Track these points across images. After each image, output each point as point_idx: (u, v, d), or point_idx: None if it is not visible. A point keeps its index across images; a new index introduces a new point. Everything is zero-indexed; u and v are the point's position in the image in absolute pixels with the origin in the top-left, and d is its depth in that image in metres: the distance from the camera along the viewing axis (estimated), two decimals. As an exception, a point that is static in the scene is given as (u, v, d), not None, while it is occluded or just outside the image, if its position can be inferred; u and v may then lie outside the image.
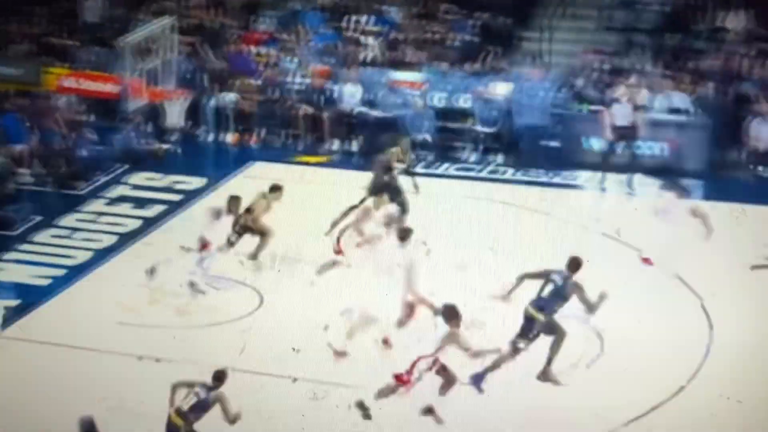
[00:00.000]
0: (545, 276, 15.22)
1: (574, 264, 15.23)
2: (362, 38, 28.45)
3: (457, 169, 24.54)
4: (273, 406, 14.59)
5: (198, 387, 13.30)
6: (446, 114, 26.07)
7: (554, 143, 24.74)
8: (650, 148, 23.97)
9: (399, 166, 20.74)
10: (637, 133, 23.72)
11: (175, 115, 26.88)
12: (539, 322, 14.94)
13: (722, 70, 25.34)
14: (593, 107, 24.94)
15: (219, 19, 28.88)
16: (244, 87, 27.21)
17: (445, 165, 24.61)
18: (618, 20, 27.29)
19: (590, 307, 15.00)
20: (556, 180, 23.38)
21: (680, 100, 24.71)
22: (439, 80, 26.56)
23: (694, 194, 22.06)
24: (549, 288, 15.09)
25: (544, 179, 23.49)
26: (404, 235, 16.76)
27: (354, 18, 28.78)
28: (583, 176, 23.48)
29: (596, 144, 24.21)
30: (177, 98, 26.60)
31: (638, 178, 22.87)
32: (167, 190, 23.02)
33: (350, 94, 26.89)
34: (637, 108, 23.91)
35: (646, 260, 18.46)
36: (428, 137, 25.64)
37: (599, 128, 24.14)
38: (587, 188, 22.89)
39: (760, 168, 23.56)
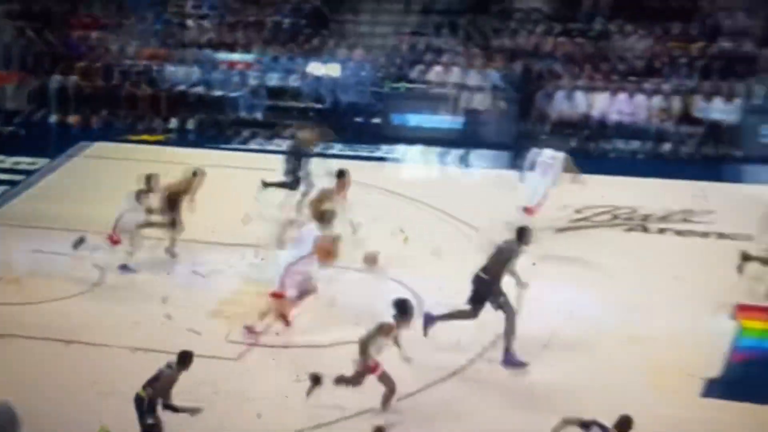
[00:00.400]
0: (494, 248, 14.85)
1: (520, 233, 14.86)
2: (194, 21, 28.11)
3: (289, 146, 24.40)
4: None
5: (165, 364, 12.56)
6: (277, 93, 25.95)
7: (375, 120, 24.79)
8: (463, 122, 24.19)
9: (312, 150, 20.12)
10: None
11: (16, 97, 26.20)
12: (484, 281, 14.49)
13: (528, 47, 25.71)
14: (410, 85, 25.12)
15: (50, 4, 28.13)
16: (84, 69, 26.62)
17: (278, 141, 24.46)
18: (430, 2, 27.43)
19: (514, 274, 14.66)
20: (378, 154, 23.39)
21: (490, 76, 24.94)
22: (270, 61, 26.40)
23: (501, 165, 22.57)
24: (494, 253, 14.72)
25: (365, 153, 23.49)
26: (328, 216, 15.94)
27: (185, 1, 28.42)
28: (400, 150, 23.50)
29: (414, 120, 24.36)
30: (17, 81, 25.88)
31: (454, 151, 23.06)
32: (9, 171, 22.26)
33: (186, 75, 26.56)
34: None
35: (528, 210, 18.41)
36: (260, 115, 25.62)
37: (416, 105, 24.33)
38: (404, 161, 22.96)
39: (560, 137, 23.71)
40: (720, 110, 23.09)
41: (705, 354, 14.47)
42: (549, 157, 18.64)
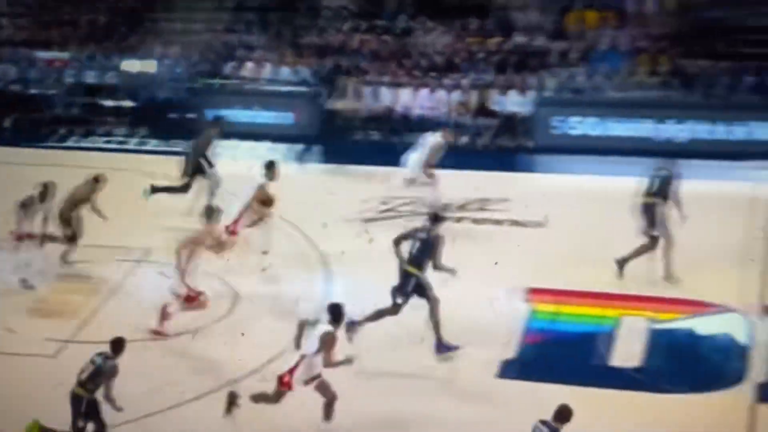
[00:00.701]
0: (413, 235, 14.57)
1: (436, 217, 14.77)
2: (9, 19, 27.36)
3: (106, 142, 23.94)
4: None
5: (96, 356, 12.23)
6: (93, 90, 25.40)
7: (190, 115, 24.39)
8: (278, 117, 24.09)
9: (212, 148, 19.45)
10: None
11: None
12: (415, 276, 14.25)
13: (336, 44, 25.73)
14: (223, 81, 24.90)
15: None
16: None
17: (93, 138, 24.00)
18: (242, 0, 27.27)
19: (438, 264, 14.38)
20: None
21: (300, 72, 24.90)
22: (86, 58, 25.85)
23: (313, 158, 22.55)
24: (417, 245, 14.46)
25: (180, 149, 23.06)
26: (209, 213, 15.43)
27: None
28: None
29: (227, 115, 23.99)
30: None
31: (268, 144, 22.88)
32: None
33: (2, 73, 25.80)
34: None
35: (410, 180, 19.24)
36: (77, 112, 25.04)
37: (229, 100, 24.16)
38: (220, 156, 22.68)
39: (371, 132, 23.93)
40: (514, 103, 23.47)
41: (500, 336, 14.78)
42: (429, 136, 19.38)
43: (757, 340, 14.51)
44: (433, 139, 19.31)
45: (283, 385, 12.31)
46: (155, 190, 18.97)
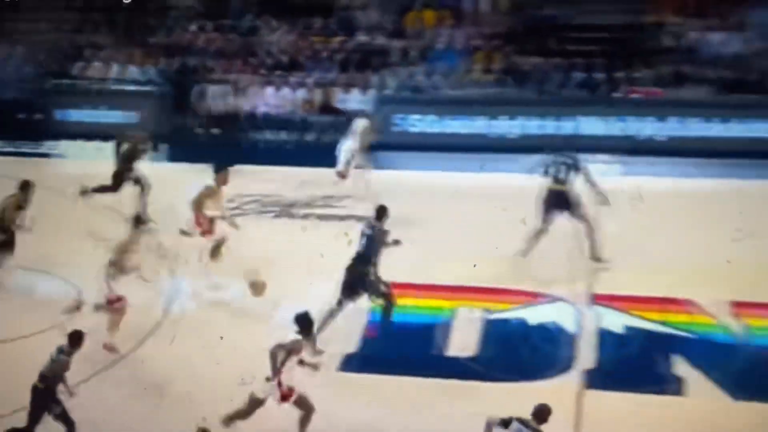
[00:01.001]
0: (360, 235, 14.39)
1: (380, 211, 14.55)
2: None
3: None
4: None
5: (55, 349, 11.91)
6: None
7: (38, 116, 23.85)
8: (123, 116, 23.61)
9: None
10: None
11: None
12: (365, 273, 14.19)
13: (183, 43, 25.45)
14: (71, 81, 24.39)
15: None
16: None
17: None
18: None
19: (376, 261, 14.30)
20: (41, 150, 22.57)
21: (145, 71, 24.58)
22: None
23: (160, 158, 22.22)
24: (363, 241, 14.30)
25: (28, 150, 22.65)
26: (137, 221, 14.94)
27: None
28: (63, 145, 22.77)
29: (76, 115, 23.62)
30: None
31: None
32: None
33: None
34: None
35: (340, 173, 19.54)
36: None
37: (77, 100, 23.65)
38: (68, 157, 22.27)
39: (214, 130, 23.69)
40: (357, 101, 23.51)
41: (343, 330, 14.76)
42: (356, 124, 19.52)
43: (585, 328, 14.93)
44: (361, 124, 19.36)
45: (290, 395, 12.10)
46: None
